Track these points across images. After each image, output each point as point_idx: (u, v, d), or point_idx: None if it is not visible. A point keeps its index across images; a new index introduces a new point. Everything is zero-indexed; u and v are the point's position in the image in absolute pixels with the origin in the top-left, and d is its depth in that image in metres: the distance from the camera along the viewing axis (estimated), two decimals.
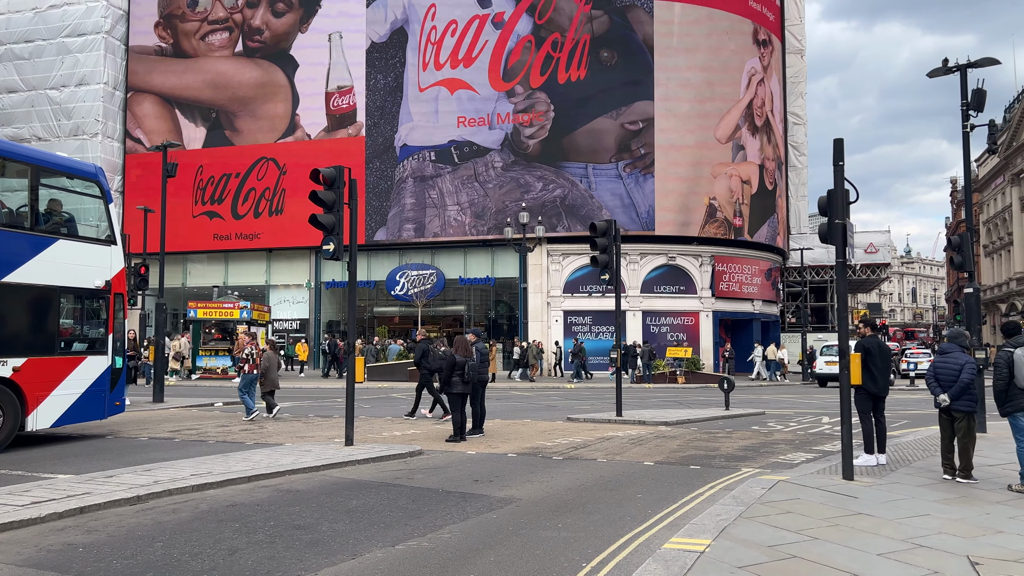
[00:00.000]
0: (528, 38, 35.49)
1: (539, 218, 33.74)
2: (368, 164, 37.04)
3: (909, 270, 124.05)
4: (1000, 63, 15.26)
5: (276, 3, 38.97)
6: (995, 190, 63.55)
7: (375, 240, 36.77)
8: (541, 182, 35.24)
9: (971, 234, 14.62)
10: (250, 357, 16.01)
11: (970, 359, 9.20)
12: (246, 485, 9.01)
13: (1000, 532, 6.72)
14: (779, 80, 41.37)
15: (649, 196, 34.77)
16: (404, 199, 36.71)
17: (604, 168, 34.93)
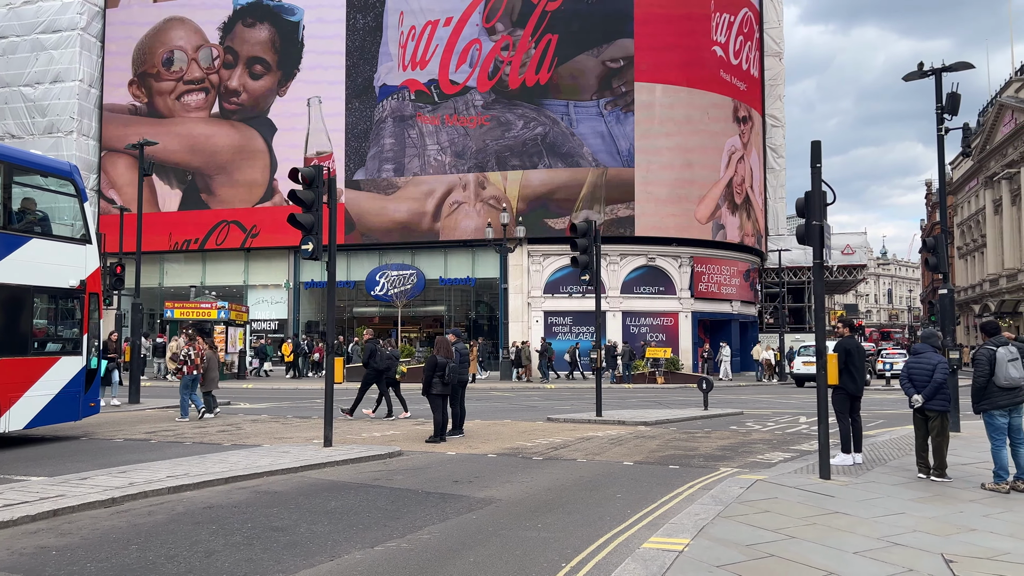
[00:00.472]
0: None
1: (519, 219, 33.76)
2: (347, 104, 36.99)
3: (885, 271, 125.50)
4: (974, 67, 15.48)
5: (254, 65, 38.48)
6: (969, 193, 64.48)
7: (355, 180, 36.70)
8: (522, 120, 35.14)
9: (945, 236, 14.81)
10: (187, 359, 15.94)
11: (943, 359, 9.33)
12: (223, 487, 8.93)
13: (973, 530, 6.81)
14: (759, 154, 41.40)
15: (630, 135, 34.78)
16: (383, 139, 36.58)
17: (585, 106, 34.96)
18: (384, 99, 36.67)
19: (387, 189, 36.69)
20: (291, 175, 11.73)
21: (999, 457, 8.54)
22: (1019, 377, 8.42)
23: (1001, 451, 8.53)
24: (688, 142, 35.73)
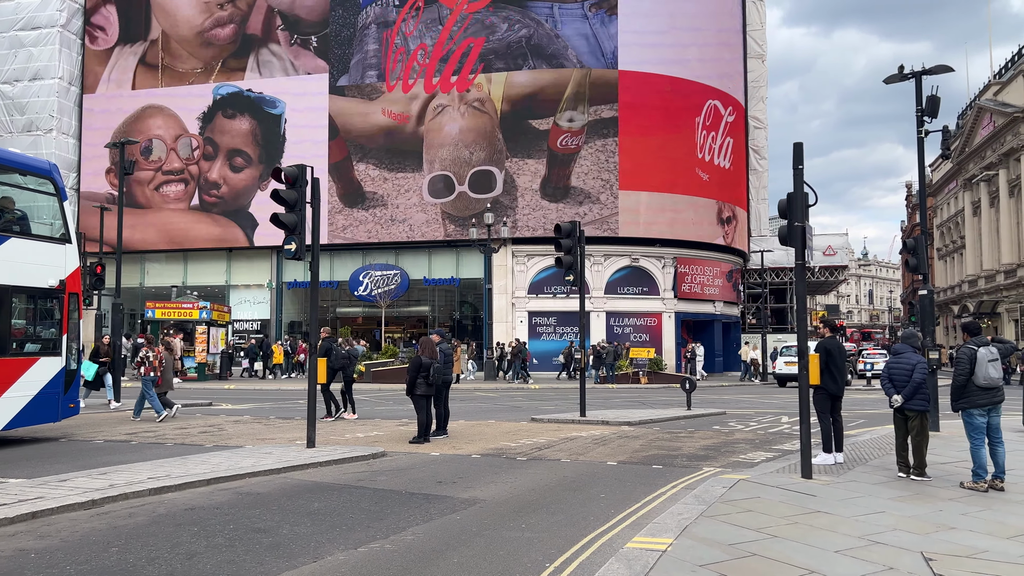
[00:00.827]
0: None
1: (504, 220, 33.77)
2: (331, 11, 36.82)
3: (866, 272, 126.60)
4: (953, 70, 15.63)
5: (234, 157, 38.07)
6: (948, 194, 65.17)
7: (338, 86, 36.54)
8: (507, 23, 35.13)
9: (925, 238, 14.96)
10: (145, 360, 15.89)
11: (922, 359, 9.42)
12: (205, 488, 8.86)
13: (953, 528, 6.89)
14: (746, 244, 42.17)
15: (613, 37, 34.96)
16: (367, 46, 36.51)
17: (569, 8, 35.07)
18: (368, 5, 36.57)
19: (371, 94, 36.52)
20: (274, 174, 11.66)
21: (978, 456, 8.63)
22: (998, 377, 8.53)
23: (980, 450, 8.63)
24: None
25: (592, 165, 34.93)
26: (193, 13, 38.63)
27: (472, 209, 34.83)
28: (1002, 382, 8.64)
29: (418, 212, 35.84)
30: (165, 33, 39.10)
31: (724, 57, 39.78)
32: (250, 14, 38.05)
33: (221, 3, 38.17)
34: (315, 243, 11.77)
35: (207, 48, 38.61)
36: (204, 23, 38.44)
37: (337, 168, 36.57)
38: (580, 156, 34.89)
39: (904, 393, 9.17)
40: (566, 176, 34.97)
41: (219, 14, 38.21)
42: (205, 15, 38.44)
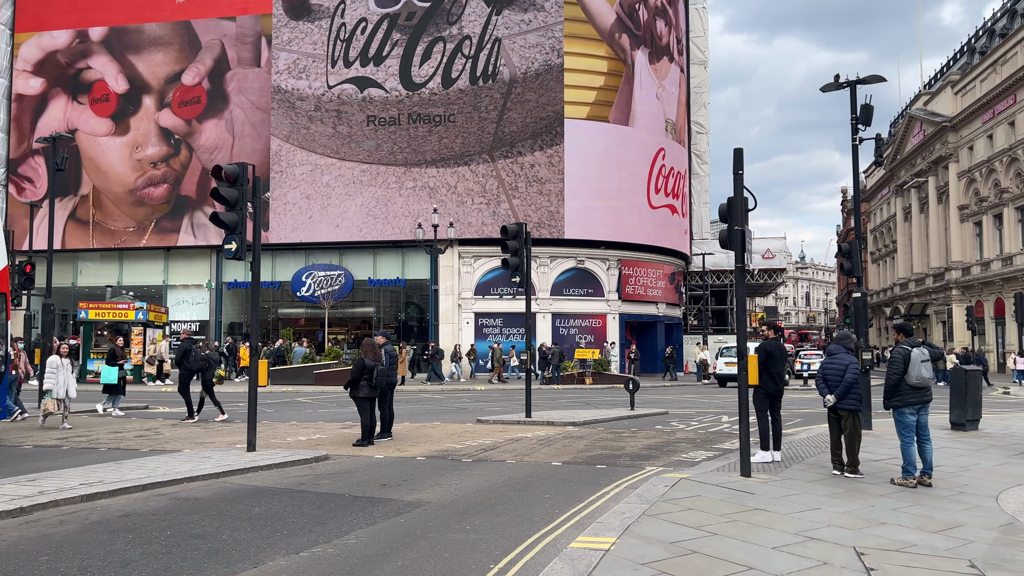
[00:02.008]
0: None
1: (451, 222, 33.69)
2: (271, 178, 36.19)
3: (803, 275, 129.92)
4: (886, 80, 16.19)
5: None
6: (881, 200, 67.40)
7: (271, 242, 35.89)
8: None
9: (859, 242, 15.44)
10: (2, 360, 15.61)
11: (854, 360, 9.70)
12: (141, 494, 8.62)
13: (883, 523, 7.12)
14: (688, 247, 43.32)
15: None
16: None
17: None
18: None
19: None
20: (214, 172, 11.43)
21: (907, 453, 8.94)
22: (929, 377, 8.85)
23: (909, 447, 8.94)
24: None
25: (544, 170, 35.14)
26: (125, 171, 37.75)
27: None
28: (932, 382, 8.98)
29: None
30: (96, 189, 38.05)
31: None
32: (184, 175, 37.31)
33: (154, 162, 37.41)
34: (256, 242, 11.56)
35: (140, 207, 37.72)
36: (136, 181, 37.61)
37: None
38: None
39: (837, 393, 9.44)
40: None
41: (152, 172, 37.50)
42: (138, 173, 37.61)
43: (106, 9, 38.49)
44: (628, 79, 36.85)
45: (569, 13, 35.56)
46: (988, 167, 44.04)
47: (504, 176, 35.13)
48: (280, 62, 36.47)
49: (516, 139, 35.20)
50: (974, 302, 45.12)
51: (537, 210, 34.87)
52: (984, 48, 48.16)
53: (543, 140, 35.13)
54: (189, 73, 37.45)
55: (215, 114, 37.10)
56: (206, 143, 37.17)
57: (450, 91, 35.35)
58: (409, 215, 35.06)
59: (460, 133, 35.28)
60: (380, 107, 35.67)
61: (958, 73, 49.77)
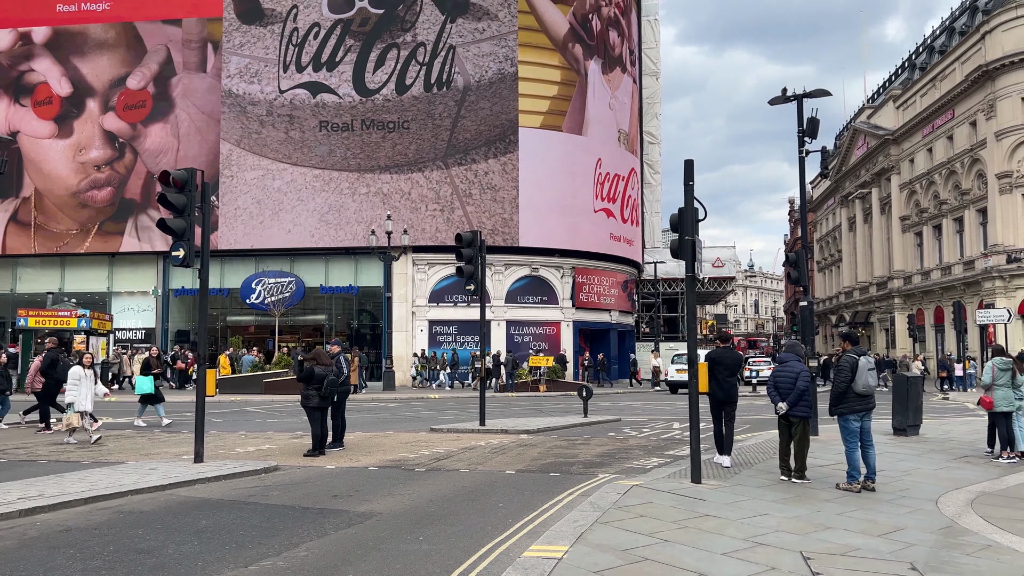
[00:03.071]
0: None
1: (405, 229, 33.52)
2: (220, 181, 35.57)
3: (752, 283, 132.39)
4: (831, 95, 16.64)
5: None
6: (827, 210, 69.12)
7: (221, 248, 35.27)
8: None
9: (806, 251, 15.80)
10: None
11: (805, 368, 9.93)
12: (83, 508, 8.37)
13: (829, 528, 7.28)
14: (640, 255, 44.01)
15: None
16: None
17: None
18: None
19: None
20: (161, 178, 11.19)
21: (852, 459, 9.16)
22: (875, 385, 9.11)
23: (854, 453, 9.16)
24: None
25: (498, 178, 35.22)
26: (68, 173, 36.78)
27: None
28: (876, 389, 9.24)
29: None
30: (39, 191, 37.01)
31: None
32: (129, 178, 36.56)
33: (98, 165, 36.57)
34: (204, 249, 11.34)
35: (83, 210, 36.79)
36: (80, 184, 36.68)
37: None
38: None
39: (788, 400, 9.63)
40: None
41: (96, 175, 36.63)
42: (81, 176, 36.69)
43: (49, 8, 37.46)
44: (581, 88, 37.19)
45: (523, 22, 35.77)
46: (928, 179, 45.53)
47: (458, 183, 35.12)
48: (231, 66, 35.92)
49: (470, 146, 35.22)
50: (915, 310, 46.53)
51: (491, 217, 34.92)
52: (924, 64, 49.84)
53: (497, 148, 35.22)
54: (134, 77, 36.71)
55: (160, 118, 36.41)
56: (151, 147, 36.46)
57: (404, 98, 35.23)
58: (362, 221, 34.79)
59: (414, 140, 35.16)
60: (333, 112, 35.37)
61: (900, 88, 51.41)
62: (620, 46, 40.11)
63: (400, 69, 35.24)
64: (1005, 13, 38.04)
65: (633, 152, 41.92)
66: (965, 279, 40.42)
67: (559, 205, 36.02)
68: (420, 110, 35.20)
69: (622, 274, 40.83)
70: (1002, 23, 37.99)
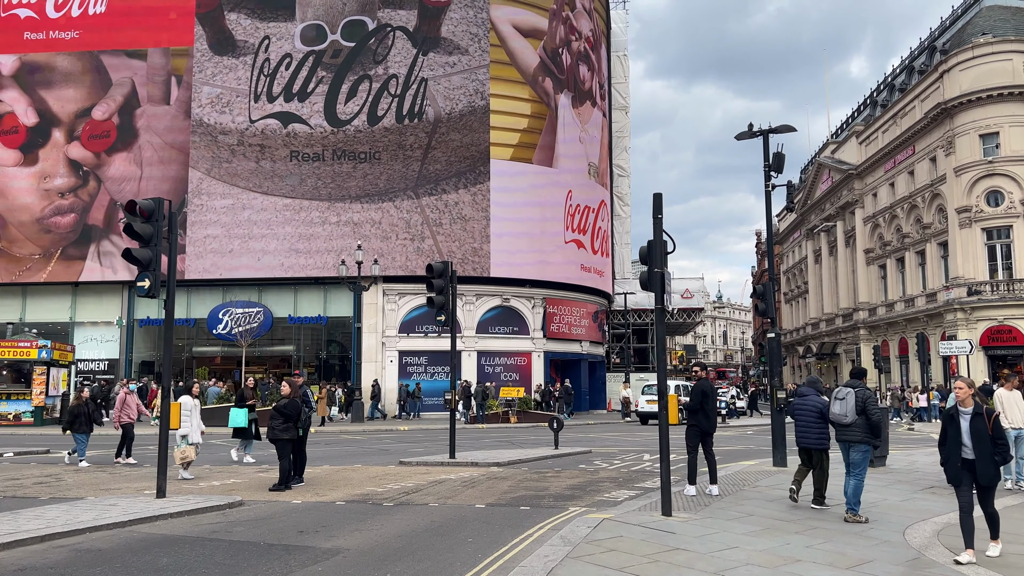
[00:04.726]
0: None
1: (375, 259, 33.41)
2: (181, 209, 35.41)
3: (720, 314, 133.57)
4: (796, 131, 17.00)
5: None
6: (793, 243, 70.21)
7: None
8: None
9: (773, 284, 16.01)
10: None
11: (825, 401, 10.31)
12: (38, 546, 8.11)
13: (798, 561, 7.29)
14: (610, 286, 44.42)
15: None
16: None
17: None
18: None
19: None
20: (127, 208, 11.05)
21: (860, 491, 9.38)
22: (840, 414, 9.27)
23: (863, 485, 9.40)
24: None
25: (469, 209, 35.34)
26: (33, 200, 36.58)
27: None
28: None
29: None
30: (1, 216, 36.73)
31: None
32: (92, 204, 36.40)
33: (62, 192, 36.47)
34: (171, 280, 11.19)
35: (46, 235, 36.57)
36: (44, 210, 36.47)
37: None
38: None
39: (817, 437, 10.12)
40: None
41: (60, 202, 36.47)
42: (45, 202, 36.48)
43: (16, 36, 37.13)
44: (552, 122, 37.59)
45: (494, 56, 36.17)
46: (891, 213, 46.51)
47: (429, 213, 35.17)
48: (203, 96, 35.81)
49: (440, 177, 35.35)
50: (880, 341, 47.22)
51: (461, 247, 34.96)
52: (886, 101, 51.16)
53: (467, 179, 35.39)
54: (99, 108, 36.63)
55: (124, 148, 36.36)
56: (115, 175, 36.30)
57: (375, 128, 35.33)
58: (332, 251, 34.61)
59: (385, 170, 35.21)
60: (304, 143, 35.34)
61: (862, 124, 52.67)
62: (590, 80, 40.67)
63: (372, 101, 35.37)
64: (963, 53, 39.28)
65: (603, 184, 42.34)
66: (928, 311, 41.18)
67: (530, 236, 36.18)
68: (391, 141, 35.30)
69: (593, 305, 41.00)
70: (960, 63, 39.21)
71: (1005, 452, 7.28)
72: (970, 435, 7.27)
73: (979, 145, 38.59)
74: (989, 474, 7.22)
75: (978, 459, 7.22)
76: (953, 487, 7.51)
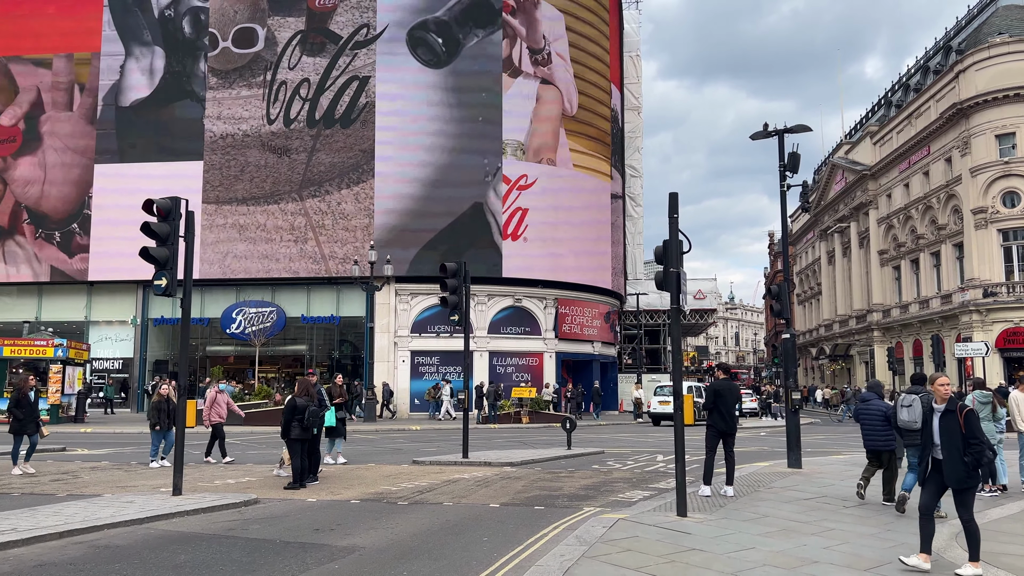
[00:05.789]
0: None
1: (387, 257, 33.48)
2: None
3: (732, 315, 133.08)
4: (812, 130, 16.90)
5: None
6: (806, 244, 69.88)
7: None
8: None
9: (788, 284, 15.92)
10: None
11: (889, 405, 10.61)
12: (57, 542, 8.18)
13: (815, 562, 7.25)
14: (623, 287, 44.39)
15: None
16: None
17: None
18: None
19: None
20: (145, 207, 11.12)
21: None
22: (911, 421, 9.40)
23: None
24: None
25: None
26: None
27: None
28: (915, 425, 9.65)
29: None
30: None
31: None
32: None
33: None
34: (187, 278, 11.26)
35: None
36: None
37: None
38: None
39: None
40: None
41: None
42: None
43: None
44: None
45: None
46: (905, 214, 46.21)
47: (312, 215, 35.43)
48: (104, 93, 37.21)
49: (325, 178, 35.61)
50: (894, 343, 46.92)
51: (343, 247, 34.93)
52: (900, 101, 50.83)
53: (351, 178, 35.45)
54: (6, 115, 37.93)
55: (30, 152, 37.47)
56: (20, 177, 37.46)
57: (263, 133, 35.89)
58: (219, 252, 34.68)
59: (271, 174, 35.68)
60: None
61: (876, 124, 52.35)
62: (509, 48, 36.47)
63: (265, 104, 35.97)
64: (979, 53, 38.98)
65: (548, 161, 37.96)
66: (943, 313, 40.87)
67: (541, 238, 36.15)
68: (277, 145, 35.78)
69: (604, 305, 40.92)
70: (976, 62, 38.92)
71: (978, 453, 6.66)
72: (939, 433, 6.89)
73: (995, 145, 38.28)
74: (956, 476, 6.73)
75: (945, 459, 6.79)
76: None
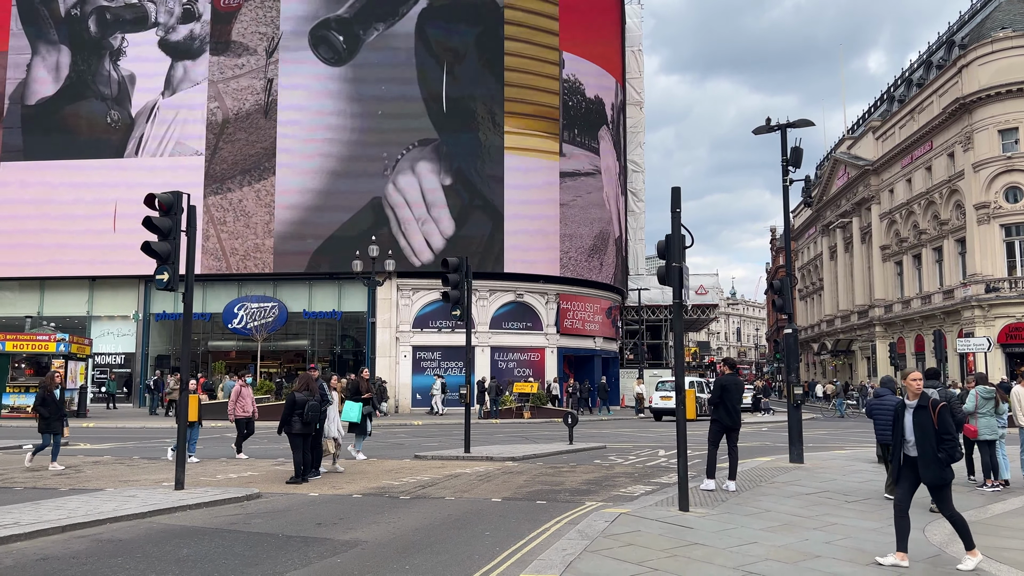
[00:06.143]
0: None
1: (389, 252, 33.46)
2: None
3: (734, 311, 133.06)
4: (814, 125, 16.85)
5: None
6: (808, 239, 69.79)
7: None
8: None
9: (790, 279, 15.89)
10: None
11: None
12: (60, 536, 8.19)
13: (818, 556, 7.25)
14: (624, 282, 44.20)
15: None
16: None
17: None
18: None
19: None
20: (147, 201, 11.11)
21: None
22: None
23: None
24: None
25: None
26: None
27: None
28: None
29: None
30: None
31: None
32: None
33: None
34: (189, 273, 11.25)
35: None
36: None
37: None
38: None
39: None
40: None
41: None
42: None
43: None
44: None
45: None
46: (907, 209, 46.12)
47: (214, 212, 35.62)
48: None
49: (227, 176, 35.85)
50: (896, 338, 46.87)
51: (244, 244, 35.14)
52: (903, 96, 50.70)
53: (252, 176, 35.75)
54: None
55: None
56: None
57: None
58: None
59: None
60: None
61: (879, 119, 52.24)
62: None
63: None
64: (982, 47, 38.87)
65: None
66: (945, 308, 40.82)
67: (544, 231, 36.16)
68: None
69: (606, 300, 40.90)
70: (979, 57, 38.80)
71: (951, 449, 6.64)
72: (912, 430, 6.83)
73: (998, 141, 38.19)
74: (932, 474, 6.67)
75: (920, 457, 6.72)
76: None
